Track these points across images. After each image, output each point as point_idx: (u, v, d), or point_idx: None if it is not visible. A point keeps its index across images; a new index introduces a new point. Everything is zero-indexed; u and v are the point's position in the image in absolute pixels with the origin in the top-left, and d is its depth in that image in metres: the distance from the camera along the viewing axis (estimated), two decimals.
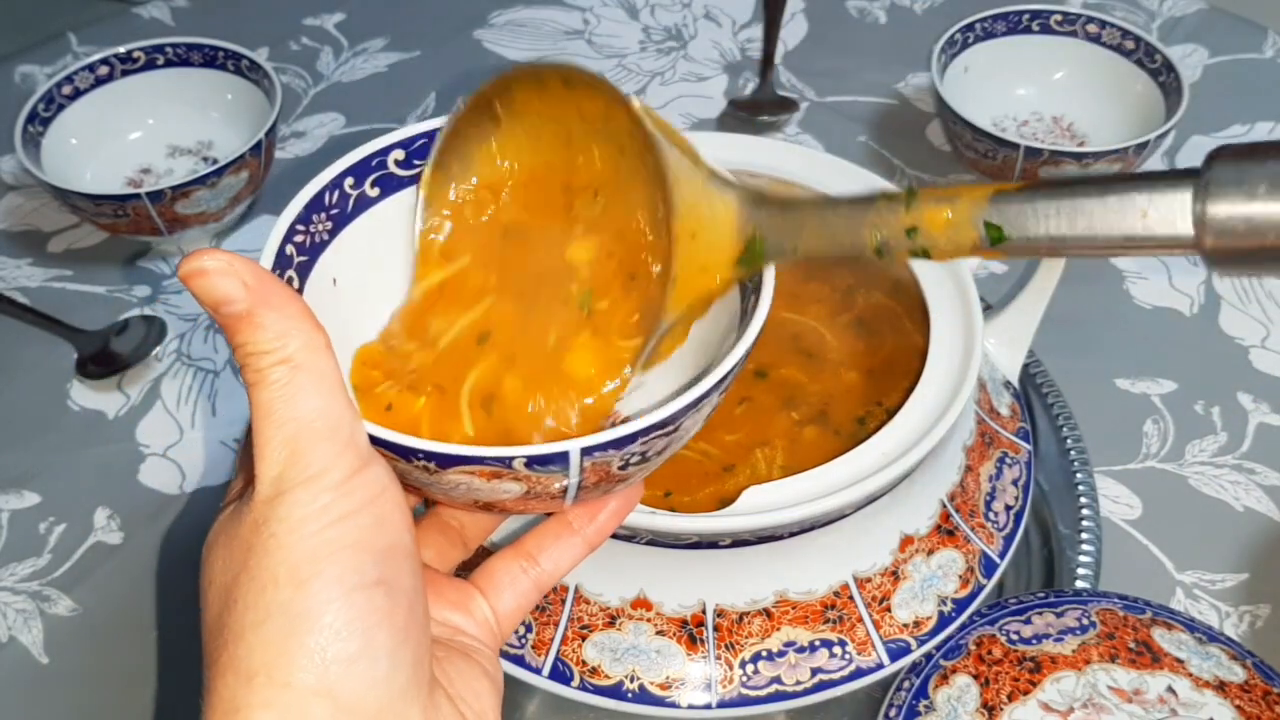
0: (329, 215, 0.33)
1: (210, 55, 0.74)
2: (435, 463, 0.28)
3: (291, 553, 0.26)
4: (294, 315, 0.26)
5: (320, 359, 0.27)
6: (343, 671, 0.26)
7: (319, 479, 0.26)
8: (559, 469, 0.28)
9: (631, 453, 0.29)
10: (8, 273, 0.71)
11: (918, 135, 0.78)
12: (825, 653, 0.43)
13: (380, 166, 0.34)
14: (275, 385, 0.26)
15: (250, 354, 0.26)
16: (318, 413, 0.26)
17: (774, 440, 0.46)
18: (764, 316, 0.30)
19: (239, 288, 0.26)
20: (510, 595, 0.33)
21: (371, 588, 0.26)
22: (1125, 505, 0.57)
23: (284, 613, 0.26)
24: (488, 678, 0.31)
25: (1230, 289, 0.68)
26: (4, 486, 0.59)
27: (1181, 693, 0.42)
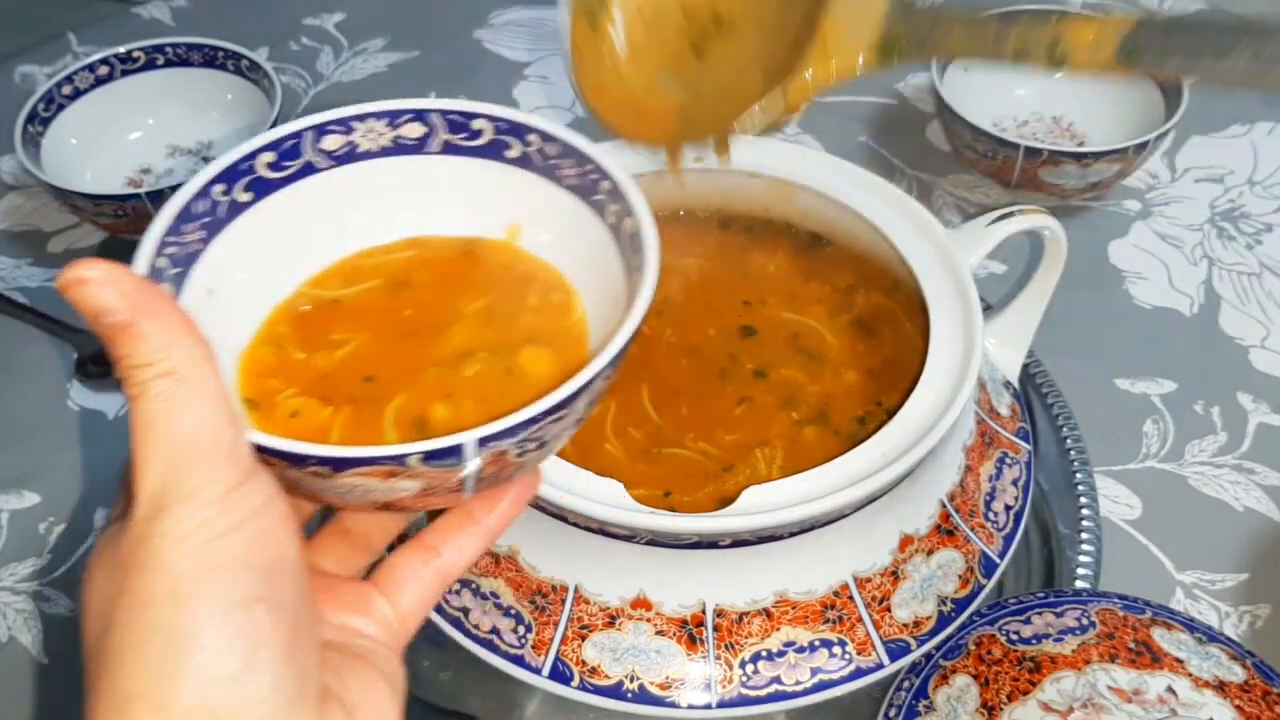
0: (200, 224, 0.32)
1: (210, 55, 0.74)
2: (329, 467, 0.27)
3: (171, 571, 0.25)
4: (176, 327, 0.26)
5: (202, 371, 0.26)
6: (224, 691, 0.25)
7: (199, 494, 0.26)
8: (455, 462, 0.28)
9: (528, 439, 0.28)
10: (8, 273, 0.71)
11: (918, 135, 0.78)
12: (825, 653, 0.43)
13: (249, 171, 0.33)
14: (157, 398, 0.26)
15: (132, 366, 0.26)
16: (199, 426, 0.26)
17: (774, 440, 0.46)
18: (648, 299, 0.30)
19: (119, 298, 0.25)
20: (412, 590, 0.33)
21: (252, 604, 0.26)
22: (1125, 505, 0.57)
23: (163, 633, 0.25)
24: (385, 680, 0.31)
25: (1230, 289, 0.68)
26: (4, 486, 0.59)
27: (1181, 693, 0.42)
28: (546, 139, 0.35)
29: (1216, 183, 0.74)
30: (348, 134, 0.35)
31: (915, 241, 0.49)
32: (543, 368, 0.33)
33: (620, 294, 0.33)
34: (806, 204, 0.52)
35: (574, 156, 0.34)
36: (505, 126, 0.35)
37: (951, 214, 0.73)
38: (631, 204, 0.33)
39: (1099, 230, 0.71)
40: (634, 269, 0.32)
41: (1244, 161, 0.75)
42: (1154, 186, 0.74)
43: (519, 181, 0.35)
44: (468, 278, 0.36)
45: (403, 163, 0.35)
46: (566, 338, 0.34)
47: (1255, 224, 0.71)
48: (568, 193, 0.35)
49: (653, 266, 0.31)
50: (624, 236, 0.33)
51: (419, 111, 0.35)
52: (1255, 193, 0.73)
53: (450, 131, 0.35)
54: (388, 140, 0.35)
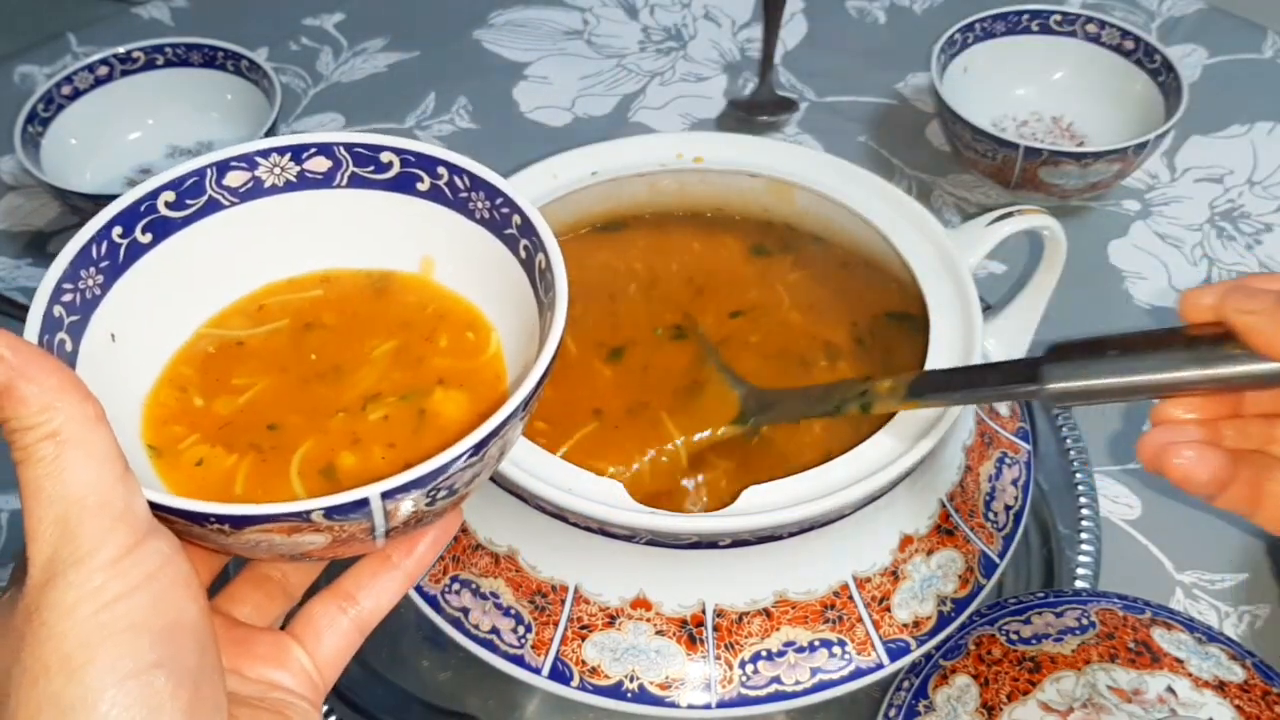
0: (98, 269, 0.32)
1: (210, 55, 0.74)
2: (229, 524, 0.27)
3: (64, 641, 0.24)
4: (58, 387, 0.25)
5: (88, 431, 0.25)
6: None
7: (90, 558, 0.25)
8: (361, 516, 0.27)
9: (438, 488, 0.28)
10: (7, 273, 0.71)
11: (917, 135, 0.78)
12: (825, 653, 0.43)
13: (150, 211, 0.33)
14: (42, 462, 0.25)
15: (14, 430, 0.25)
16: (88, 488, 0.25)
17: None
18: (557, 338, 0.30)
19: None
20: (330, 639, 0.32)
21: (150, 671, 0.25)
22: (1125, 505, 0.57)
23: (55, 705, 0.24)
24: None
25: None
26: (4, 486, 0.59)
27: (1181, 693, 0.42)
28: (455, 172, 0.34)
29: (1216, 183, 0.74)
30: (251, 170, 0.34)
31: (915, 241, 0.49)
32: (456, 410, 0.32)
33: (535, 329, 0.32)
34: (806, 204, 0.52)
35: (484, 189, 0.34)
36: (413, 159, 0.34)
37: (951, 214, 0.73)
38: (542, 239, 0.32)
39: (1099, 230, 0.71)
40: (546, 305, 0.32)
41: (1244, 161, 0.75)
42: (1154, 186, 0.74)
43: (430, 215, 0.35)
44: (378, 317, 0.35)
45: (309, 197, 0.35)
46: (481, 377, 0.33)
47: (1255, 224, 0.71)
48: (479, 226, 0.34)
49: (562, 304, 0.31)
50: (536, 271, 0.33)
51: (324, 145, 0.34)
52: (1255, 193, 0.73)
53: (357, 165, 0.35)
54: (293, 175, 0.34)
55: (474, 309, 0.35)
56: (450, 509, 0.30)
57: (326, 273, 0.36)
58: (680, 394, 0.47)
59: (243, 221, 0.34)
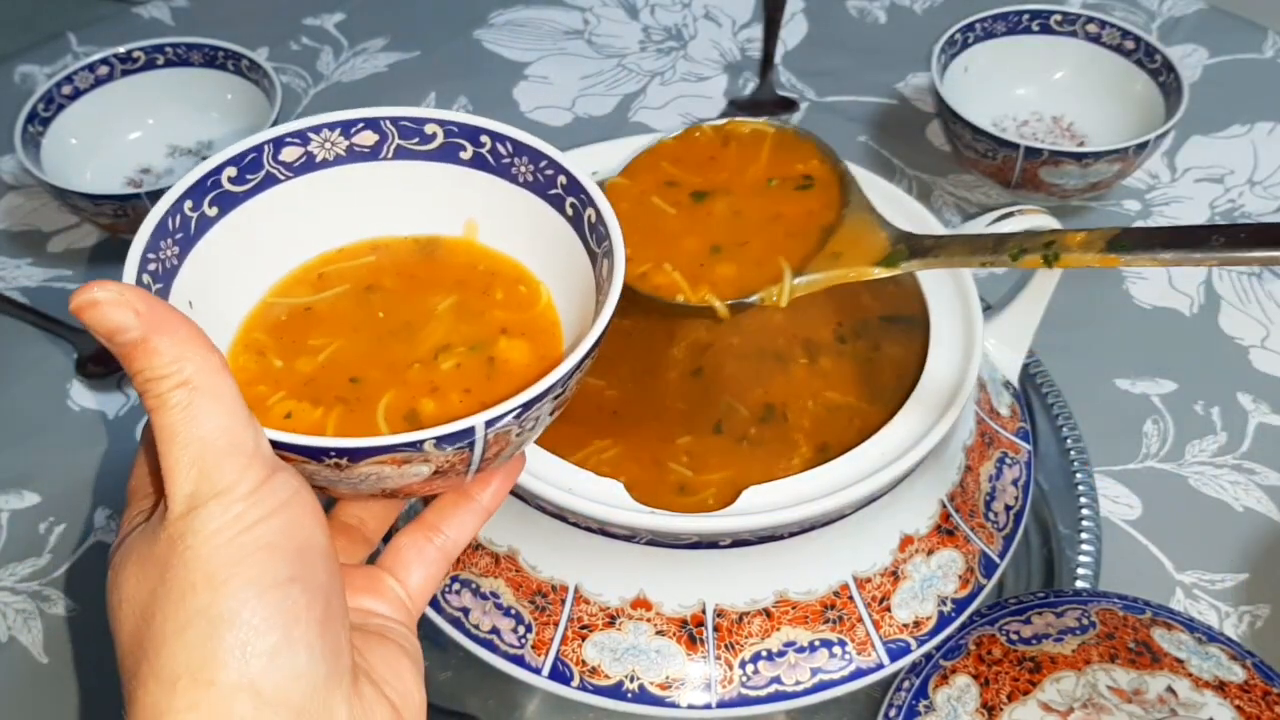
0: (174, 240, 0.33)
1: (210, 55, 0.74)
2: (347, 458, 0.29)
3: (208, 561, 0.27)
4: (186, 339, 0.27)
5: (217, 379, 0.27)
6: (264, 665, 0.27)
7: (229, 492, 0.27)
8: (465, 445, 0.29)
9: (527, 419, 0.30)
10: (8, 273, 0.71)
11: (918, 135, 0.78)
12: (825, 653, 0.43)
13: (215, 186, 0.35)
14: (176, 409, 0.27)
15: (148, 380, 0.27)
16: (220, 430, 0.27)
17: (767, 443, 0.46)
18: (620, 281, 0.32)
19: (131, 316, 0.26)
20: (419, 568, 0.34)
21: (287, 585, 0.27)
22: (1125, 505, 0.57)
23: (203, 616, 0.26)
24: (406, 655, 0.32)
25: (1230, 289, 0.68)
26: (4, 486, 0.59)
27: (1181, 693, 0.42)
28: (498, 139, 0.36)
29: (1216, 183, 0.74)
30: (304, 145, 0.36)
31: None
32: (520, 356, 0.35)
33: (588, 280, 0.34)
34: None
35: (527, 154, 0.36)
36: (456, 129, 0.36)
37: (951, 214, 0.73)
38: (590, 195, 0.34)
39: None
40: (601, 255, 0.34)
41: (1244, 161, 0.75)
42: (1154, 186, 0.74)
43: (474, 181, 0.37)
44: (433, 277, 0.37)
45: (358, 169, 0.37)
46: (538, 325, 0.36)
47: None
48: (523, 189, 0.36)
49: (619, 249, 0.33)
50: (585, 225, 0.35)
51: (370, 120, 0.36)
52: (1255, 193, 0.73)
53: (402, 137, 0.36)
54: (342, 149, 0.36)
55: (520, 265, 0.37)
56: (528, 442, 0.33)
57: (376, 241, 0.38)
58: (811, 234, 0.44)
59: (297, 194, 0.36)
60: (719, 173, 0.46)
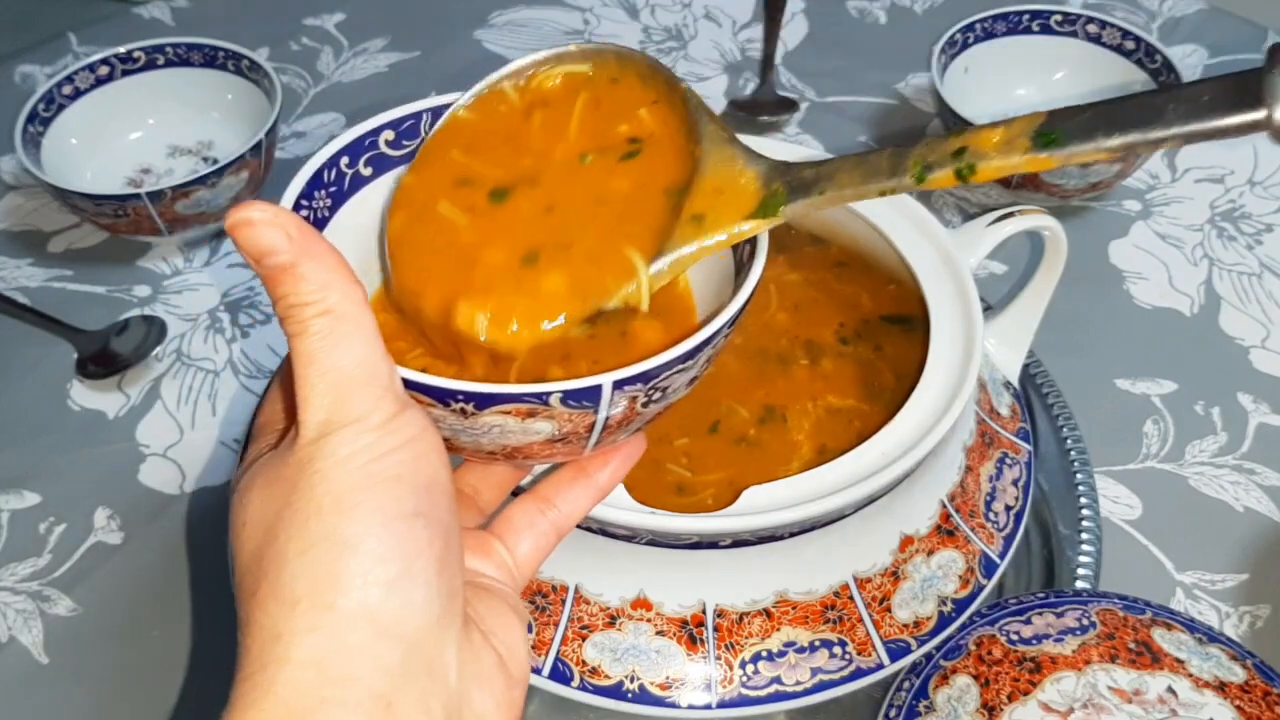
0: (328, 193, 0.34)
1: (210, 55, 0.74)
2: (474, 404, 0.29)
3: (336, 485, 0.27)
4: (334, 268, 0.27)
5: (359, 310, 0.27)
6: (383, 595, 0.27)
7: (362, 420, 0.27)
8: (590, 404, 0.29)
9: (655, 386, 0.30)
10: (8, 273, 0.71)
11: (918, 136, 0.78)
12: (825, 653, 0.43)
13: (373, 146, 0.35)
14: (317, 335, 0.27)
15: (293, 305, 0.27)
16: (358, 361, 0.27)
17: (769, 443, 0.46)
18: (761, 265, 0.32)
19: (283, 239, 0.27)
20: (529, 538, 0.34)
21: (411, 518, 0.27)
22: (1125, 505, 0.57)
23: (328, 539, 0.26)
24: (514, 612, 0.32)
25: (1230, 289, 0.68)
26: (4, 486, 0.59)
27: (1181, 693, 0.42)
28: None
29: (1217, 183, 0.74)
30: None
31: (915, 241, 0.49)
32: (653, 335, 0.34)
33: (726, 268, 0.34)
34: None
35: None
36: None
37: (952, 214, 0.73)
38: None
39: (1099, 230, 0.71)
40: (740, 247, 0.34)
41: (1244, 162, 0.75)
42: (1154, 187, 0.74)
43: None
44: None
45: None
46: (674, 308, 0.35)
47: (1255, 224, 0.71)
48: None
49: (764, 236, 0.33)
50: None
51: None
52: (1255, 193, 0.73)
53: None
54: None
55: None
56: (653, 416, 0.32)
57: None
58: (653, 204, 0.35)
59: None
60: (521, 157, 0.37)
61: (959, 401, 0.42)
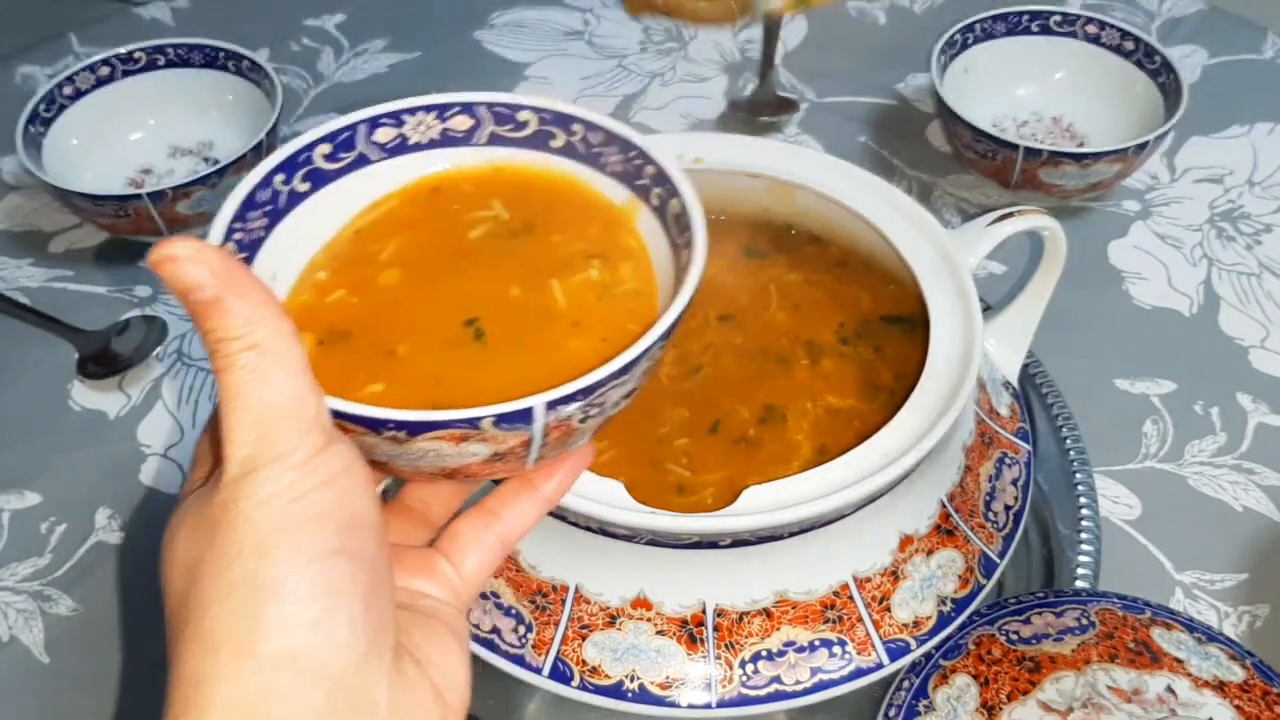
0: (263, 212, 0.33)
1: (211, 56, 0.74)
2: (405, 431, 0.28)
3: (257, 527, 0.27)
4: (260, 303, 0.27)
5: (285, 344, 0.27)
6: (306, 636, 0.27)
7: (285, 458, 0.27)
8: (524, 426, 0.29)
9: (590, 404, 0.30)
10: (9, 273, 0.71)
11: (918, 136, 0.79)
12: (825, 652, 0.43)
13: (308, 161, 0.34)
14: (243, 370, 0.27)
15: (219, 340, 0.27)
16: (284, 395, 0.27)
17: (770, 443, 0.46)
18: (699, 272, 0.32)
19: (208, 275, 0.26)
20: (475, 553, 0.34)
21: (333, 556, 0.27)
22: (1125, 505, 0.57)
23: (249, 583, 0.26)
24: (454, 636, 0.32)
25: (1230, 289, 0.68)
26: (5, 486, 0.60)
27: (1181, 693, 0.42)
28: (590, 128, 0.36)
29: (1216, 183, 0.74)
30: (399, 127, 0.36)
31: (915, 242, 0.49)
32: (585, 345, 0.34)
33: (668, 271, 0.34)
34: (806, 204, 0.52)
35: (618, 144, 0.35)
36: (550, 117, 0.36)
37: (951, 214, 0.73)
38: (676, 186, 0.34)
39: (1099, 231, 0.71)
40: (681, 246, 0.34)
41: (1243, 162, 0.75)
42: (1154, 187, 0.74)
43: (564, 170, 0.36)
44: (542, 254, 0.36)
45: (451, 154, 0.37)
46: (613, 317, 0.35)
47: (1255, 224, 0.71)
48: (611, 178, 0.36)
49: (701, 242, 0.32)
50: (669, 217, 0.34)
51: (466, 104, 0.36)
52: (1255, 193, 0.73)
53: (496, 123, 0.36)
54: (436, 133, 0.36)
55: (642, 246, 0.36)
56: (593, 433, 0.32)
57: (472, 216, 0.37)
58: None
59: (388, 176, 0.36)
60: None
61: (958, 401, 0.42)
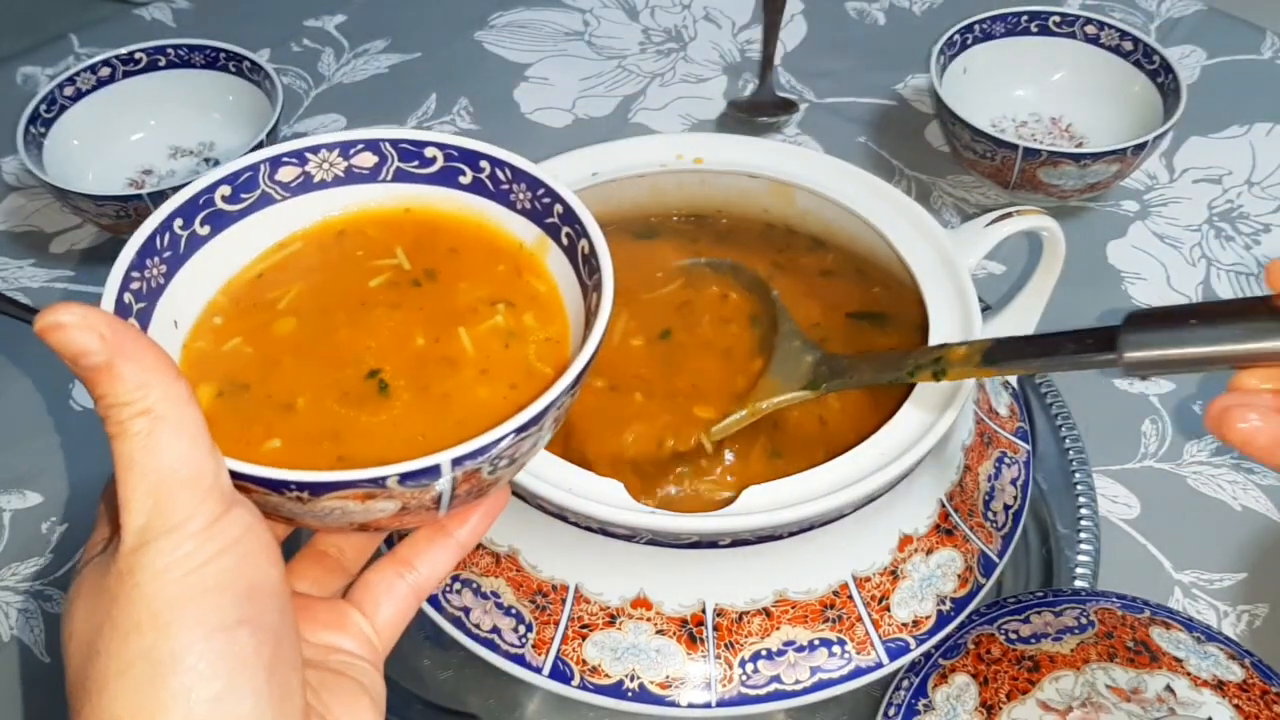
0: (162, 259, 0.33)
1: (212, 56, 0.74)
2: (308, 492, 0.28)
3: (154, 600, 0.26)
4: (152, 366, 0.26)
5: (180, 409, 0.26)
6: (207, 712, 0.26)
7: (182, 527, 0.26)
8: (430, 481, 0.28)
9: (499, 457, 0.29)
10: (10, 273, 0.71)
11: (917, 136, 0.79)
12: (824, 652, 0.43)
13: (208, 204, 0.34)
14: (137, 437, 0.26)
15: (110, 406, 0.26)
16: (180, 462, 0.26)
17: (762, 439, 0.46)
18: (606, 317, 0.31)
19: (95, 340, 0.26)
20: (388, 605, 0.33)
21: (234, 628, 0.26)
22: (1124, 505, 0.57)
23: (146, 658, 0.26)
24: (366, 694, 0.31)
25: (1229, 290, 0.68)
26: (6, 486, 0.60)
27: (1180, 692, 0.42)
28: (497, 165, 0.35)
29: (1215, 183, 0.74)
30: (302, 165, 0.35)
31: (914, 242, 0.49)
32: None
33: (578, 311, 0.34)
34: (806, 205, 0.52)
35: (525, 181, 0.35)
36: (456, 154, 0.36)
37: (950, 214, 0.73)
38: (584, 225, 0.33)
39: (1097, 231, 0.71)
40: (590, 288, 0.33)
41: (1242, 162, 0.75)
42: (1152, 187, 0.74)
43: (472, 207, 0.36)
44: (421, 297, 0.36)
45: (356, 191, 0.36)
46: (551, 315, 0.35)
47: (1253, 225, 0.72)
48: (520, 216, 0.36)
49: (608, 285, 0.32)
50: (579, 257, 0.34)
51: (370, 141, 0.36)
52: (1253, 193, 0.73)
53: (402, 160, 0.36)
54: (340, 170, 0.36)
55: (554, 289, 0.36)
56: (505, 480, 0.32)
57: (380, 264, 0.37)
58: (747, 359, 0.47)
59: (293, 214, 0.36)
60: None
61: (957, 401, 0.42)
